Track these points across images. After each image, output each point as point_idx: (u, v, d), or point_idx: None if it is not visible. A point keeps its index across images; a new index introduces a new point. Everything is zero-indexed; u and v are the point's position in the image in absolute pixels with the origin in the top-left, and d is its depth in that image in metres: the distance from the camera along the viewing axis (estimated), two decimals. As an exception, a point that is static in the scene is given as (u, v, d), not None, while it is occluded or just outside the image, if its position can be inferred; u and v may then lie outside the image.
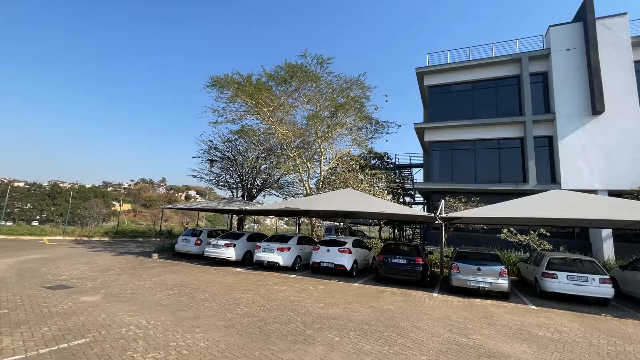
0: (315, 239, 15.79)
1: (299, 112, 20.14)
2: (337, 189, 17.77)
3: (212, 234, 15.07)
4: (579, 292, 8.64)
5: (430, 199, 20.65)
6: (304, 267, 12.91)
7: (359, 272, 12.26)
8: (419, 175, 33.54)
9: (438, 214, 10.93)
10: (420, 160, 28.24)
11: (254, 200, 23.25)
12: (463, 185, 18.59)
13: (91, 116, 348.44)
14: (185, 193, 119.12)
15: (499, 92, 19.80)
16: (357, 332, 5.43)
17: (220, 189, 24.50)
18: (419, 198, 30.35)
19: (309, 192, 18.21)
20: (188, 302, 6.85)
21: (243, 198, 22.54)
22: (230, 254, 12.35)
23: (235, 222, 22.76)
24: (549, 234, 13.89)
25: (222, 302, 6.99)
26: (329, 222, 29.69)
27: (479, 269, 8.94)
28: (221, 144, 22.24)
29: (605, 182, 15.58)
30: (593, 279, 8.55)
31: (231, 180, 23.23)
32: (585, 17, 17.24)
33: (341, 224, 26.25)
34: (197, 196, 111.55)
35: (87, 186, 79.14)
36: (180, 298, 7.13)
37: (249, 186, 22.84)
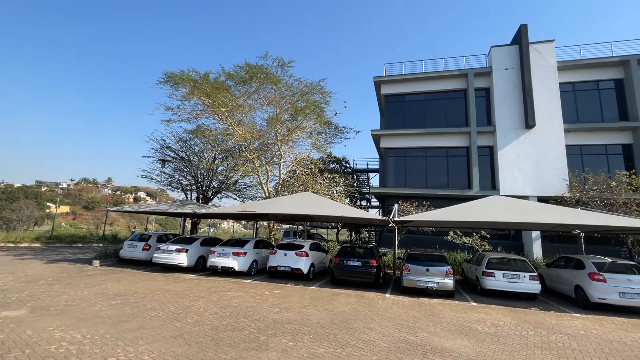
0: (274, 243, 15.62)
1: (258, 113, 19.85)
2: (296, 192, 17.78)
3: (162, 238, 14.21)
4: (513, 289, 9.55)
5: (385, 203, 21.50)
6: (261, 271, 12.70)
7: (316, 275, 12.36)
8: (375, 179, 34.79)
9: (391, 217, 11.43)
10: (377, 166, 29.35)
11: (210, 203, 22.36)
12: (415, 190, 19.64)
13: (23, 107, 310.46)
14: (134, 195, 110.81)
15: (448, 103, 21.30)
16: (312, 336, 5.47)
17: (173, 190, 23.23)
18: (375, 202, 31.43)
19: (267, 195, 17.98)
20: (132, 312, 6.39)
21: (198, 201, 21.59)
22: (182, 259, 11.74)
23: (188, 226, 21.68)
24: (489, 236, 15.20)
25: (170, 311, 6.62)
26: (288, 226, 29.54)
27: (427, 270, 9.49)
28: (175, 143, 21.15)
29: (535, 189, 17.46)
30: (524, 277, 9.52)
31: (185, 182, 22.15)
32: (520, 41, 19.27)
33: (300, 227, 26.28)
34: (148, 198, 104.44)
35: (15, 185, 70.24)
36: (124, 308, 6.62)
37: (204, 188, 21.94)
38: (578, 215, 10.25)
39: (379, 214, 28.80)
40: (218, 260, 11.53)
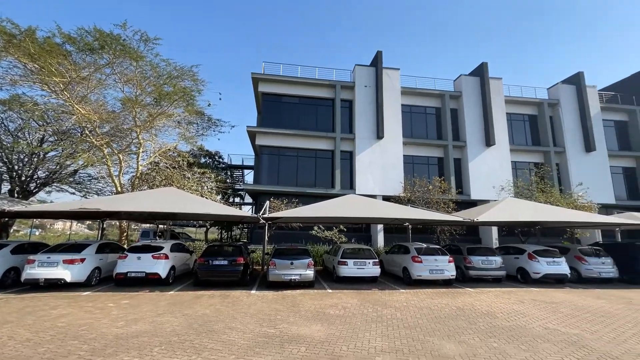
0: (126, 246, 13.42)
1: (111, 92, 16.65)
2: (158, 186, 15.80)
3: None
4: (361, 274, 11.26)
5: (258, 200, 21.67)
6: (107, 280, 10.71)
7: (178, 279, 11.34)
8: (250, 176, 34.54)
9: (261, 214, 11.62)
10: (253, 162, 29.22)
11: (32, 198, 17.33)
12: (287, 187, 20.57)
13: None
14: None
15: (319, 109, 23.20)
16: (164, 347, 5.00)
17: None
18: (249, 199, 31.21)
19: (119, 189, 15.29)
20: None
21: (12, 194, 16.39)
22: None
23: (-8, 229, 16.15)
24: (346, 229, 17.41)
25: (-52, 348, 4.80)
26: (148, 225, 25.88)
27: (292, 263, 10.11)
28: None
29: (381, 190, 21.08)
30: (369, 263, 11.35)
31: (-11, 169, 16.43)
32: (377, 64, 22.86)
33: (162, 226, 23.45)
34: None
35: None
36: None
37: (23, 179, 16.82)
38: (407, 211, 12.93)
39: (252, 211, 28.74)
40: (40, 271, 9.06)
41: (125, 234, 16.45)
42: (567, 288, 11.16)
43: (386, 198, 20.00)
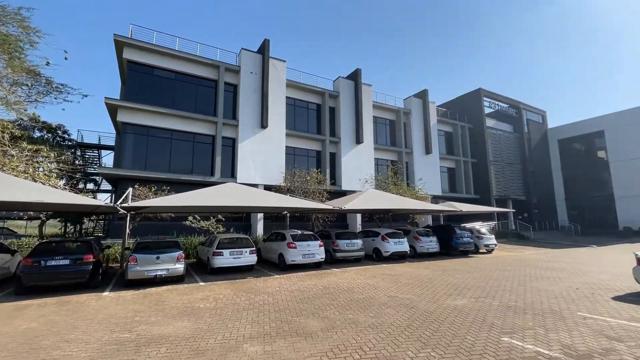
0: None
1: None
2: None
3: None
4: (237, 264, 11.14)
5: (119, 187, 18.47)
6: None
7: (-12, 288, 8.62)
8: (110, 158, 28.95)
9: (120, 203, 9.99)
10: (114, 142, 24.62)
11: None
12: (157, 173, 18.25)
13: None
14: None
15: (199, 90, 21.33)
16: (-43, 379, 3.76)
17: None
18: (107, 185, 26.26)
19: None
20: None
21: None
22: None
23: None
24: (224, 219, 16.80)
25: None
26: None
27: (158, 258, 9.13)
28: None
29: (263, 179, 21.22)
30: (246, 252, 11.34)
31: None
32: (264, 52, 22.60)
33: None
34: None
35: None
36: None
37: None
38: (287, 200, 13.47)
39: (112, 200, 24.43)
40: None
41: None
42: (407, 262, 13.94)
43: (267, 187, 20.24)
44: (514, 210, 31.35)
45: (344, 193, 22.88)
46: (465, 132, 34.24)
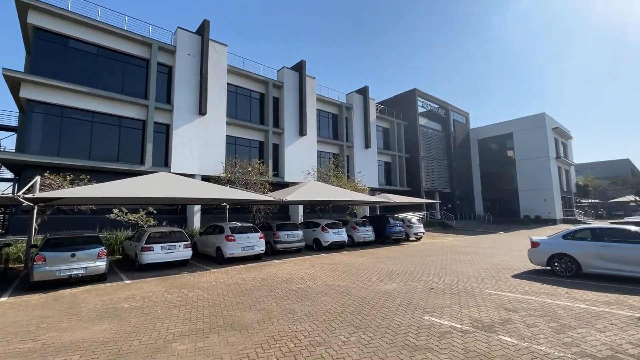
0: None
1: None
2: None
3: None
4: (169, 259, 10.45)
5: (24, 175, 15.82)
6: None
7: None
8: (11, 141, 24.54)
9: (22, 193, 8.59)
10: (15, 122, 20.94)
11: None
12: (73, 160, 16.02)
13: None
14: None
15: (127, 68, 19.15)
16: None
17: None
18: (8, 173, 22.35)
19: None
20: None
21: None
22: None
23: None
24: (156, 212, 15.56)
25: None
26: None
27: (73, 255, 8.11)
28: None
29: (201, 169, 20.07)
30: (179, 246, 10.69)
31: None
32: (203, 34, 21.13)
33: None
34: None
35: None
36: None
37: None
38: (226, 191, 12.95)
39: (14, 190, 20.96)
40: None
41: None
42: (345, 251, 14.55)
43: (206, 178, 19.24)
44: (440, 202, 34.69)
45: (286, 185, 22.83)
46: (400, 129, 36.56)
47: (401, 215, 21.11)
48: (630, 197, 41.72)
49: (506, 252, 13.90)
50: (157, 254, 10.17)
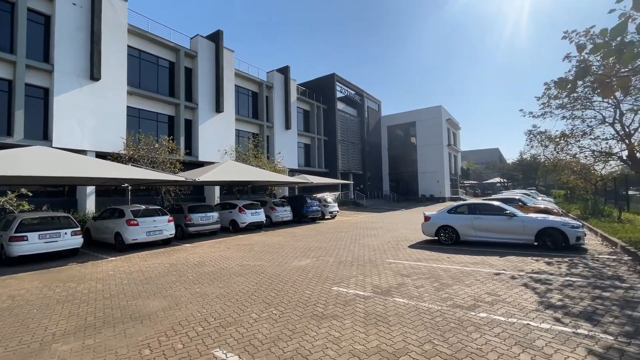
0: None
1: None
2: None
3: None
4: (51, 249, 8.87)
5: None
6: None
7: None
8: None
9: None
10: None
11: None
12: None
13: None
14: None
15: (-20, 10, 14.82)
16: None
17: None
18: None
19: None
20: None
21: None
22: None
23: None
24: (31, 194, 12.85)
25: None
26: None
27: None
28: None
29: (94, 144, 17.18)
30: (65, 233, 9.14)
31: None
32: (93, -18, 17.55)
33: None
34: None
35: None
36: None
37: None
38: (127, 170, 11.44)
39: None
40: None
41: None
42: (262, 231, 14.54)
43: (101, 155, 16.60)
44: (353, 183, 37.20)
45: (201, 164, 21.32)
46: (320, 112, 37.42)
47: (318, 195, 21.99)
48: (497, 179, 51.90)
49: (405, 226, 15.83)
50: (34, 244, 8.50)
